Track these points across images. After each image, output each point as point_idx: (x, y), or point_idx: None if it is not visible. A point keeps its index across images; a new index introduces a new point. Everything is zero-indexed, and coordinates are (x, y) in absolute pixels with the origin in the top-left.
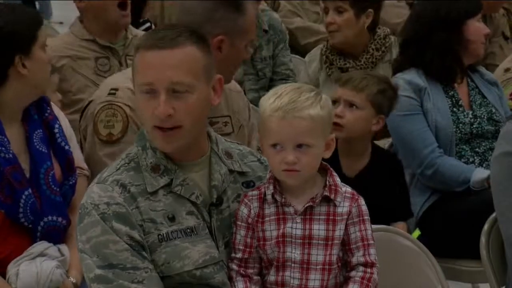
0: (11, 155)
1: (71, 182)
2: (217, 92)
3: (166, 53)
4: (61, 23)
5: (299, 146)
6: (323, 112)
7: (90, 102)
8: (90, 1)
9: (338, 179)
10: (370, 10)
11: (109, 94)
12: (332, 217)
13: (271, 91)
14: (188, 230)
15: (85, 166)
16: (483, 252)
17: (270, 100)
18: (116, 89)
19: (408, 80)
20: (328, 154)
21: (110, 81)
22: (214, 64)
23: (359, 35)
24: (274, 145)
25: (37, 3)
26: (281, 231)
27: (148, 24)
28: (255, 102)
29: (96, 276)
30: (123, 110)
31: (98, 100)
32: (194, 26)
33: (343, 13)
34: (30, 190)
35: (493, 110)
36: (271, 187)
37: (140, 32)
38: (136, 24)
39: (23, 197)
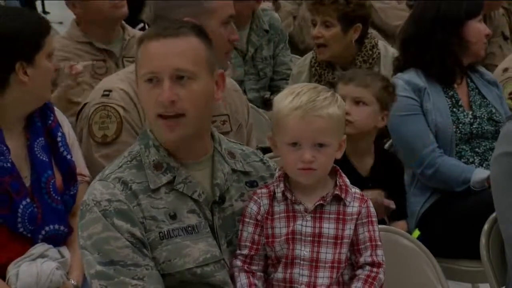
0: (9, 164)
1: (72, 192)
2: (220, 87)
3: (170, 41)
4: (60, 23)
5: (317, 145)
6: (339, 112)
7: (85, 104)
8: (85, 8)
9: (347, 180)
10: (358, 24)
11: (103, 95)
12: (342, 216)
13: (287, 90)
14: (190, 228)
15: (87, 172)
16: (483, 252)
17: (288, 99)
18: (110, 90)
19: (407, 80)
20: (339, 155)
21: (103, 83)
22: (216, 59)
23: (347, 48)
24: (292, 144)
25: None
26: (290, 228)
27: (141, 25)
28: (256, 101)
29: (97, 272)
30: (116, 111)
31: (92, 102)
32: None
33: (330, 27)
34: (28, 200)
35: (493, 110)
36: (281, 185)
37: (138, 32)
38: (132, 25)
39: (21, 206)
